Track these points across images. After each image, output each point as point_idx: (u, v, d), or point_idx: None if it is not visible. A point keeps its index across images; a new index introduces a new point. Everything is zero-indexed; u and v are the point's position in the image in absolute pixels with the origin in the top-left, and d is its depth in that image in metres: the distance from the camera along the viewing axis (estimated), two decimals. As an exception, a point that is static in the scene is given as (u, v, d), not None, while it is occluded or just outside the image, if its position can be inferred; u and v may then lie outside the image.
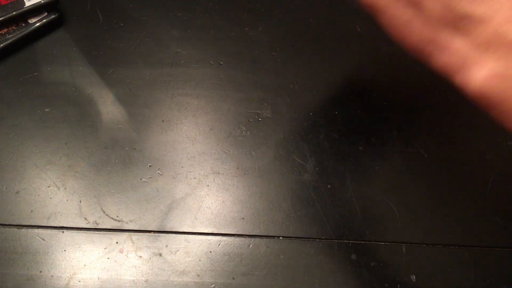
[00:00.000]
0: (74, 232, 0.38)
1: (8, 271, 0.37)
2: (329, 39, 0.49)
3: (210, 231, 0.39)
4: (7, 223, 0.39)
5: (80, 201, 0.40)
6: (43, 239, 0.38)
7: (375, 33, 0.48)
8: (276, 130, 0.44)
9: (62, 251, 0.38)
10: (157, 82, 0.47)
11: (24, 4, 0.49)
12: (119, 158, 0.42)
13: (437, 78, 0.29)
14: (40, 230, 0.39)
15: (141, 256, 0.37)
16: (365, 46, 0.48)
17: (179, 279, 0.36)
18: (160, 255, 0.37)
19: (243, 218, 0.39)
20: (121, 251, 0.37)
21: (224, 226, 0.39)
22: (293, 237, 0.39)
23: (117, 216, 0.39)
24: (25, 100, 0.46)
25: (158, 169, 0.42)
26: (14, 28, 0.49)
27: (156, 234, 0.38)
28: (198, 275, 0.37)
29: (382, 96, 0.46)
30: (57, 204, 0.40)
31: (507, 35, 0.23)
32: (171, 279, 0.36)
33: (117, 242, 0.38)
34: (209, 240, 0.38)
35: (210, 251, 0.38)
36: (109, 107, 0.45)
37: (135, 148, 0.43)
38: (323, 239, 0.39)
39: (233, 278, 0.37)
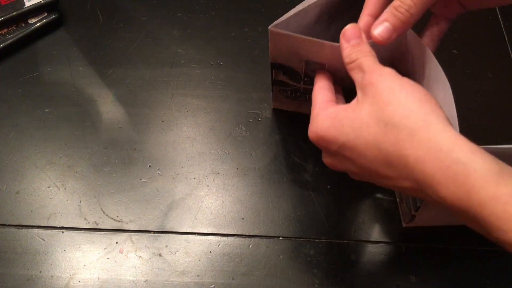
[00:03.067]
0: (74, 232, 0.38)
1: (8, 271, 0.37)
2: (329, 39, 0.49)
3: (210, 231, 0.39)
4: (7, 223, 0.39)
5: (80, 201, 0.40)
6: (43, 239, 0.38)
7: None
8: (276, 130, 0.44)
9: (62, 251, 0.38)
10: (157, 82, 0.47)
11: (24, 4, 0.49)
12: (119, 158, 0.42)
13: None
14: (40, 230, 0.39)
15: (141, 256, 0.37)
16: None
17: (179, 279, 0.36)
18: (160, 255, 0.37)
19: (243, 218, 0.39)
20: (121, 251, 0.37)
21: (224, 226, 0.39)
22: (293, 237, 0.39)
23: (117, 216, 0.39)
24: (25, 100, 0.46)
25: (158, 169, 0.42)
26: (14, 28, 0.49)
27: (156, 234, 0.38)
28: (198, 275, 0.37)
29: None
30: (57, 204, 0.40)
31: None
32: (171, 279, 0.36)
33: (117, 242, 0.38)
34: (209, 240, 0.38)
35: (210, 251, 0.38)
36: (109, 107, 0.45)
37: (135, 148, 0.43)
38: (323, 239, 0.39)
39: (233, 278, 0.37)
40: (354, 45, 0.30)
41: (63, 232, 0.38)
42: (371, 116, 0.27)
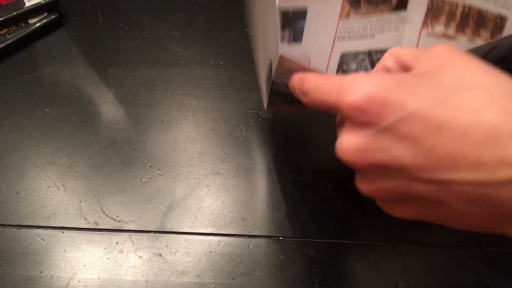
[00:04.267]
0: (74, 232, 0.38)
1: (8, 271, 0.37)
2: (329, 39, 0.49)
3: (210, 231, 0.39)
4: (7, 223, 0.39)
5: (80, 201, 0.40)
6: (43, 239, 0.38)
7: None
8: (276, 130, 0.44)
9: (62, 251, 0.38)
10: (157, 82, 0.47)
11: (24, 4, 0.49)
12: (119, 158, 0.42)
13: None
14: (40, 230, 0.39)
15: (141, 256, 0.37)
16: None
17: (179, 279, 0.36)
18: (160, 255, 0.37)
19: (243, 218, 0.39)
20: (121, 251, 0.37)
21: (224, 226, 0.39)
22: (293, 237, 0.39)
23: (117, 216, 0.39)
24: (25, 100, 0.46)
25: (158, 169, 0.42)
26: (14, 28, 0.49)
27: (156, 234, 0.38)
28: (198, 275, 0.37)
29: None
30: (57, 204, 0.40)
31: None
32: (171, 279, 0.36)
33: (117, 242, 0.38)
34: (209, 240, 0.38)
35: (210, 251, 0.38)
36: (109, 107, 0.45)
37: (135, 148, 0.43)
38: (323, 239, 0.39)
39: (233, 278, 0.37)
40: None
41: (63, 232, 0.38)
42: (458, 83, 0.19)
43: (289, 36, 0.31)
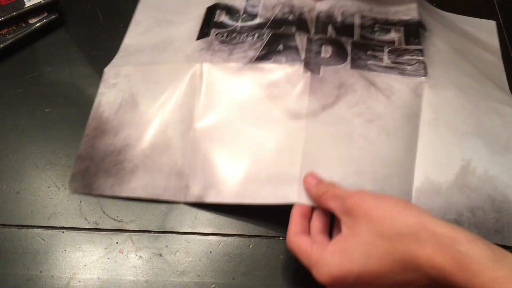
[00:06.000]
0: (74, 232, 0.38)
1: (8, 271, 0.36)
2: (329, 39, 0.49)
3: (210, 231, 0.39)
4: (7, 223, 0.39)
5: (80, 201, 0.40)
6: (43, 239, 0.38)
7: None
8: (276, 130, 0.44)
9: (62, 251, 0.38)
10: (157, 82, 0.47)
11: (24, 4, 0.49)
12: (119, 158, 0.42)
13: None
14: (40, 230, 0.39)
15: (141, 256, 0.37)
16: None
17: (179, 279, 0.36)
18: (160, 255, 0.37)
19: (243, 218, 0.39)
20: (121, 251, 0.37)
21: (224, 226, 0.39)
22: (293, 237, 0.39)
23: (117, 216, 0.39)
24: (25, 100, 0.46)
25: (158, 169, 0.42)
26: (14, 28, 0.49)
27: (156, 234, 0.38)
28: (198, 275, 0.37)
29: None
30: (57, 204, 0.40)
31: None
32: (171, 279, 0.36)
33: (117, 242, 0.38)
34: (209, 240, 0.38)
35: (210, 251, 0.38)
36: (109, 107, 0.45)
37: (135, 148, 0.43)
38: (323, 239, 0.39)
39: (233, 278, 0.37)
40: (317, 183, 0.35)
41: (63, 232, 0.38)
42: (372, 234, 0.29)
43: None
